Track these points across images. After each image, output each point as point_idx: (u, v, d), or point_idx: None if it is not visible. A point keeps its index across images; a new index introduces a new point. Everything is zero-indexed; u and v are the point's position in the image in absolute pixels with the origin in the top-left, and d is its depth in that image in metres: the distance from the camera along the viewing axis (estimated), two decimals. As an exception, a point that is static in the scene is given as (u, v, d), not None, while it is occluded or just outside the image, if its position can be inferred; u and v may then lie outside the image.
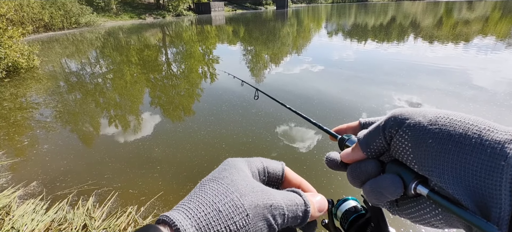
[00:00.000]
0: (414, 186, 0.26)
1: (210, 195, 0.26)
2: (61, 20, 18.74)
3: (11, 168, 2.92)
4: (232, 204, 0.25)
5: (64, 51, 11.09)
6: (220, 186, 0.27)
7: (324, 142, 3.11)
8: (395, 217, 0.38)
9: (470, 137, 0.22)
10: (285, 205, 0.27)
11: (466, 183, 0.22)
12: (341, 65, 6.88)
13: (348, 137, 0.36)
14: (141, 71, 7.32)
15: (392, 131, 0.27)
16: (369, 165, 0.30)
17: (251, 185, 0.28)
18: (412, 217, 0.28)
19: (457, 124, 0.24)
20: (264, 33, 15.04)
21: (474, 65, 6.12)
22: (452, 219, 0.24)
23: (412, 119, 0.26)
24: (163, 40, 13.84)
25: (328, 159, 0.35)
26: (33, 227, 2.03)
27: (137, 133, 3.68)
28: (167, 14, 30.02)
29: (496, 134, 0.21)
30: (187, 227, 0.23)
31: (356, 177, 0.31)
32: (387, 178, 0.28)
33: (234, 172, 0.29)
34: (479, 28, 12.07)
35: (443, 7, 29.05)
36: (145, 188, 2.49)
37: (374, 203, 0.31)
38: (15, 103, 5.02)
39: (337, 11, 37.19)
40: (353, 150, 0.32)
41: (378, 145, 0.29)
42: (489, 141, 0.21)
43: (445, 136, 0.24)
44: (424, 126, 0.25)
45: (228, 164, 0.31)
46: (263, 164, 0.33)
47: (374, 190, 0.29)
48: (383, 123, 0.29)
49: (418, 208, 0.27)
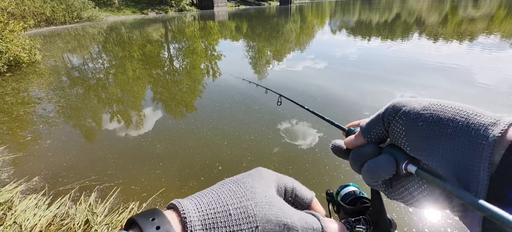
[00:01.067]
0: (405, 165, 0.28)
1: (226, 195, 0.26)
2: (63, 15, 18.72)
3: (13, 162, 2.93)
4: (244, 211, 0.25)
5: (66, 46, 11.09)
6: (238, 189, 0.27)
7: (326, 140, 3.09)
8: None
9: (458, 121, 0.24)
10: (300, 227, 0.27)
11: (450, 161, 0.24)
12: (344, 62, 6.83)
13: (355, 128, 0.39)
14: (143, 67, 7.31)
15: (390, 118, 0.30)
16: (368, 148, 0.32)
17: (270, 198, 0.28)
18: (404, 197, 0.30)
19: (448, 109, 0.25)
20: (267, 29, 14.96)
21: (478, 63, 6.05)
22: (436, 195, 0.26)
23: (408, 106, 0.29)
24: (165, 36, 13.80)
25: (334, 145, 0.38)
26: (35, 222, 2.03)
27: (140, 129, 3.67)
28: (169, 9, 29.91)
29: (482, 118, 0.23)
30: (194, 219, 0.23)
31: (356, 159, 0.33)
32: (382, 158, 0.30)
33: (258, 180, 0.29)
34: (484, 26, 11.93)
35: (449, 5, 28.74)
36: (147, 185, 2.49)
37: (370, 183, 0.32)
38: (17, 98, 5.03)
39: (341, 7, 36.91)
40: (356, 136, 0.34)
41: (378, 131, 0.31)
42: (474, 124, 0.23)
43: (435, 120, 0.26)
44: (417, 111, 0.27)
45: (256, 171, 0.32)
46: (293, 184, 0.33)
47: (370, 168, 0.31)
48: (383, 111, 0.31)
49: (408, 186, 0.29)
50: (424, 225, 1.95)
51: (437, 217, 1.99)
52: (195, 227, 0.23)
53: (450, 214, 1.99)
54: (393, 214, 2.03)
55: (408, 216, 2.02)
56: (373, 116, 0.33)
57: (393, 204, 2.12)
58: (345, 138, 0.39)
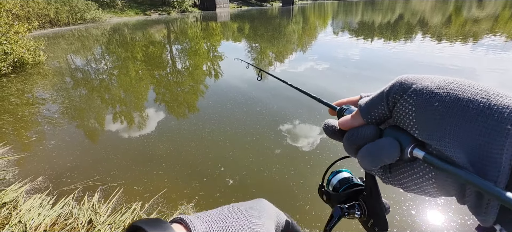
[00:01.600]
0: (411, 149, 0.26)
1: (234, 227, 0.26)
2: (66, 16, 18.86)
3: (18, 163, 2.96)
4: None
5: (70, 47, 11.18)
6: (246, 223, 0.27)
7: (327, 141, 3.09)
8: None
9: (478, 101, 0.22)
10: None
11: (467, 147, 0.21)
12: (347, 63, 6.83)
13: (347, 107, 0.36)
14: (146, 68, 7.36)
15: (396, 96, 0.27)
16: (368, 129, 0.29)
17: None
18: (404, 183, 0.28)
19: (466, 89, 0.23)
20: (269, 30, 14.97)
21: (482, 65, 6.02)
22: (445, 183, 0.24)
23: (419, 83, 0.26)
24: (168, 37, 13.87)
25: (326, 125, 0.34)
26: (40, 221, 2.06)
27: (142, 130, 3.70)
28: (172, 10, 30.04)
29: (505, 100, 0.21)
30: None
31: (353, 142, 0.30)
32: (385, 141, 0.27)
33: (263, 218, 0.30)
34: (489, 27, 11.86)
35: (452, 5, 28.59)
36: (149, 185, 2.51)
37: (367, 168, 0.30)
38: (22, 98, 5.08)
39: (344, 8, 36.84)
40: (353, 116, 0.31)
41: (379, 112, 0.28)
42: (497, 105, 0.21)
43: (452, 99, 0.23)
44: (431, 90, 0.25)
45: (262, 206, 0.32)
46: (290, 223, 0.34)
47: (371, 153, 0.28)
48: (388, 88, 0.28)
49: (411, 173, 0.27)
50: (421, 222, 1.95)
51: (438, 215, 1.99)
52: None
53: (449, 210, 1.99)
54: (391, 201, 2.04)
55: (408, 214, 2.02)
56: (374, 94, 0.30)
57: (389, 192, 2.12)
58: (333, 116, 0.37)
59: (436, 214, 2.04)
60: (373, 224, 0.34)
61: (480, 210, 0.22)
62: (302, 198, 2.25)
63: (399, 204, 2.12)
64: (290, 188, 2.39)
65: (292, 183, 2.45)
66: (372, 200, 0.35)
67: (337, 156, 2.75)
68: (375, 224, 0.34)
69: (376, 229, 0.34)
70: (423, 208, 2.09)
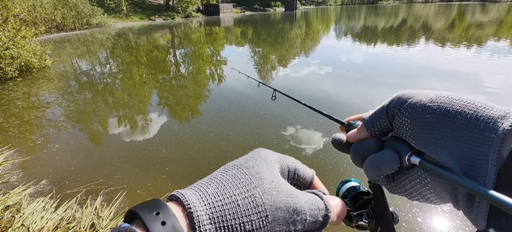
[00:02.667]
0: (408, 157, 0.28)
1: (231, 184, 0.25)
2: (72, 21, 19.13)
3: (22, 165, 2.99)
4: (252, 200, 0.24)
5: (76, 52, 11.32)
6: (243, 176, 0.26)
7: (329, 145, 3.07)
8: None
9: (466, 113, 0.24)
10: (308, 209, 0.26)
11: (457, 154, 0.23)
12: (349, 68, 6.82)
13: (354, 122, 0.39)
14: (149, 72, 7.41)
15: (394, 110, 0.29)
16: (369, 142, 0.32)
17: (277, 182, 0.26)
18: (406, 190, 0.30)
19: (456, 102, 0.25)
20: (272, 35, 15.03)
21: (485, 69, 5.98)
22: (439, 188, 0.26)
23: (414, 98, 0.28)
24: (171, 41, 13.99)
25: (334, 139, 0.37)
26: (43, 224, 2.06)
27: (146, 134, 3.71)
28: (176, 15, 30.33)
29: (491, 111, 0.23)
30: (201, 213, 0.22)
31: (357, 153, 0.33)
32: (384, 153, 0.30)
33: (262, 164, 0.28)
34: (492, 32, 11.78)
35: (456, 10, 28.50)
36: (152, 189, 2.51)
37: (372, 178, 0.32)
38: (28, 102, 5.14)
39: (347, 13, 36.92)
40: (358, 130, 0.34)
41: (381, 124, 0.31)
42: (483, 116, 0.23)
43: (442, 112, 0.25)
44: (424, 103, 0.27)
45: (258, 153, 0.30)
46: (295, 164, 0.32)
47: (372, 163, 0.30)
48: (387, 103, 0.30)
49: (411, 179, 0.29)
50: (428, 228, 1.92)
51: (442, 220, 1.96)
52: (202, 222, 0.21)
53: (452, 217, 1.96)
54: (396, 208, 2.01)
55: (414, 219, 1.99)
56: (376, 108, 0.32)
57: (395, 199, 2.09)
58: (343, 132, 0.39)
59: (443, 222, 2.01)
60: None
61: (471, 211, 0.23)
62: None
63: (405, 211, 2.09)
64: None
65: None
66: (379, 208, 0.36)
67: (340, 161, 2.73)
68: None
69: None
70: (429, 215, 2.06)
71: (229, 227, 0.22)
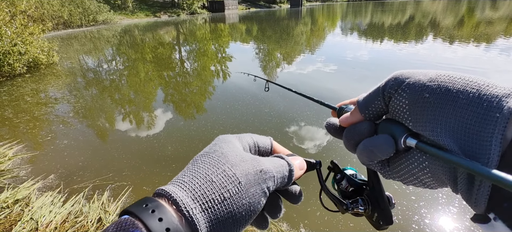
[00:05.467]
0: (404, 139, 0.26)
1: (202, 169, 0.27)
2: (79, 18, 19.31)
3: (31, 160, 3.04)
4: (224, 174, 0.26)
5: (82, 48, 11.43)
6: (211, 160, 0.28)
7: (333, 144, 3.06)
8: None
9: (468, 92, 0.22)
10: (273, 168, 0.29)
11: (458, 134, 0.22)
12: (355, 65, 6.76)
13: (346, 106, 0.37)
14: (155, 69, 7.45)
15: (391, 91, 0.28)
16: (362, 126, 0.31)
17: (241, 156, 0.29)
18: (402, 175, 0.29)
19: (457, 81, 0.24)
20: (277, 31, 14.97)
21: (494, 67, 5.87)
22: (438, 171, 0.25)
23: (413, 78, 0.27)
24: (177, 38, 14.03)
25: (328, 124, 0.36)
26: (51, 218, 2.10)
27: (152, 130, 3.74)
28: (181, 12, 30.39)
29: (495, 89, 0.22)
30: (183, 197, 0.24)
31: (350, 138, 0.32)
32: (380, 137, 0.28)
33: (224, 146, 0.30)
34: (502, 29, 11.54)
35: (465, 6, 27.97)
36: (159, 185, 2.53)
37: (366, 163, 0.31)
38: (36, 98, 5.22)
39: (353, 9, 36.52)
40: (351, 113, 0.32)
41: (376, 106, 0.29)
42: (486, 95, 0.22)
43: (443, 91, 0.24)
44: (423, 83, 0.25)
45: (219, 139, 0.33)
46: (253, 139, 0.35)
47: (366, 148, 0.29)
48: (383, 83, 0.29)
49: (407, 164, 0.27)
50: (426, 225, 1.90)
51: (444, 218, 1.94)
52: (188, 205, 0.23)
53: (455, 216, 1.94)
54: (403, 208, 1.99)
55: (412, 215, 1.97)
56: (371, 90, 0.31)
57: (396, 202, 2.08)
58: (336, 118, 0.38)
59: (451, 223, 1.99)
60: (377, 218, 0.35)
61: (471, 194, 0.22)
62: (313, 203, 2.23)
63: (413, 211, 2.08)
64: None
65: (302, 186, 2.42)
66: (375, 194, 0.36)
67: (344, 158, 2.72)
68: (379, 218, 0.35)
69: (381, 222, 0.35)
70: (437, 216, 2.04)
71: (211, 200, 0.25)
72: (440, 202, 2.12)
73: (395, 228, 1.94)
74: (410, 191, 2.24)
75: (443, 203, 2.11)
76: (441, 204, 2.11)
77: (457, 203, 2.09)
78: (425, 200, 2.15)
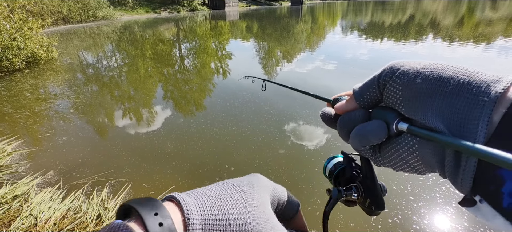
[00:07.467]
0: (396, 124, 0.27)
1: (228, 202, 0.26)
2: (79, 13, 19.23)
3: (30, 156, 3.04)
4: (243, 223, 0.25)
5: (82, 44, 11.39)
6: (239, 198, 0.27)
7: (331, 143, 3.07)
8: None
9: (459, 78, 0.23)
10: None
11: (448, 118, 0.23)
12: (354, 64, 6.76)
13: (341, 97, 0.38)
14: (155, 66, 7.43)
15: (386, 79, 0.28)
16: (357, 113, 0.31)
17: (267, 215, 0.28)
18: (392, 160, 0.29)
19: (449, 68, 0.25)
20: (277, 29, 14.93)
21: (493, 67, 5.87)
22: (427, 155, 0.26)
23: (407, 66, 0.27)
24: (177, 35, 13.98)
25: (323, 113, 0.37)
26: (50, 214, 2.10)
27: (151, 127, 3.74)
28: (181, 9, 30.28)
29: (484, 76, 0.22)
30: (196, 222, 0.23)
31: (344, 125, 0.32)
32: (373, 122, 0.29)
33: (258, 192, 0.29)
34: (502, 29, 11.54)
35: (465, 6, 27.94)
36: (158, 183, 2.53)
37: (357, 148, 0.32)
38: (35, 94, 5.20)
39: (353, 8, 36.44)
40: (347, 101, 0.33)
41: (371, 94, 0.30)
42: (476, 81, 0.22)
43: (435, 77, 0.25)
44: (417, 70, 0.26)
45: (257, 180, 0.31)
46: (285, 196, 0.33)
47: (359, 133, 0.30)
48: (379, 72, 0.30)
49: (398, 148, 0.28)
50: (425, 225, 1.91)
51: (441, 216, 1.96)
52: (196, 230, 0.23)
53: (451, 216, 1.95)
54: (404, 209, 2.01)
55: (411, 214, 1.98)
56: (367, 79, 0.31)
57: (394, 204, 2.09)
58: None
59: (449, 223, 2.00)
60: (370, 204, 0.36)
61: (457, 174, 0.23)
62: (313, 202, 2.24)
63: (412, 211, 2.09)
64: (301, 191, 2.38)
65: (303, 186, 2.44)
66: (367, 181, 0.36)
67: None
68: (371, 203, 0.36)
69: (373, 207, 0.35)
70: (437, 217, 2.05)
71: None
72: (438, 202, 2.14)
73: (395, 228, 1.95)
74: (408, 191, 2.25)
75: (441, 203, 2.13)
76: (439, 204, 2.12)
77: (454, 203, 2.10)
78: (424, 200, 2.17)
